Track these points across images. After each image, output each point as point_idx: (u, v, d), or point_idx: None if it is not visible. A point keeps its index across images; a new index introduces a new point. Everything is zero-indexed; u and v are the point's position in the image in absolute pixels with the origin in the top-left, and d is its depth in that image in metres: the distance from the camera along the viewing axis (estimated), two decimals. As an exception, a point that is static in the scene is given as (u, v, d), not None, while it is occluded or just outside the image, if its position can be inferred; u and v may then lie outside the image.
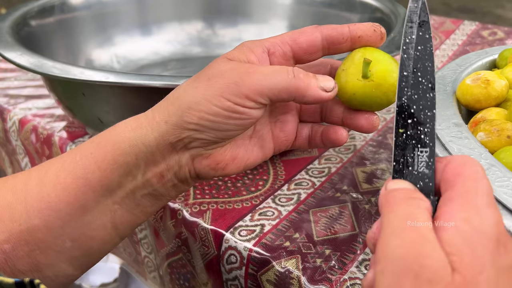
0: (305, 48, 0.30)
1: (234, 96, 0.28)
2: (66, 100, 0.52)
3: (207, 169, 0.31)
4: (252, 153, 0.34)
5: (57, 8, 0.66)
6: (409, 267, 0.19)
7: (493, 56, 0.52)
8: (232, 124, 0.29)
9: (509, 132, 0.36)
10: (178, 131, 0.29)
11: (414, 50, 0.27)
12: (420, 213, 0.21)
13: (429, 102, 0.26)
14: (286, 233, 0.44)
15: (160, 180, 0.31)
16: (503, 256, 0.20)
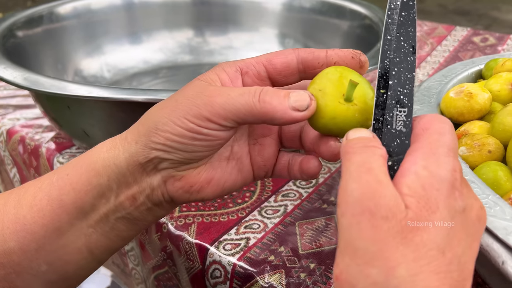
0: (280, 70, 0.30)
1: (197, 118, 0.28)
2: (52, 112, 0.52)
3: (180, 192, 0.31)
4: (230, 176, 0.32)
5: (45, 18, 0.66)
6: (366, 207, 0.21)
7: (480, 66, 0.52)
8: (199, 145, 0.29)
9: (490, 147, 0.36)
10: (147, 151, 0.29)
11: (398, 15, 0.28)
12: (375, 159, 0.23)
13: (410, 65, 0.27)
14: (271, 247, 0.44)
15: (133, 203, 0.31)
16: (457, 200, 0.22)
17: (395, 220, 0.21)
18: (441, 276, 0.20)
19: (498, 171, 0.33)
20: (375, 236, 0.21)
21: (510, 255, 0.27)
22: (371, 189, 0.21)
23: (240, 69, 0.30)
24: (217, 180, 0.32)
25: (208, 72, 0.30)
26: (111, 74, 0.75)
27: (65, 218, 0.30)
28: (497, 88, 0.42)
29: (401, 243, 0.20)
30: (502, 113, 0.37)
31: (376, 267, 0.20)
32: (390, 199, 0.21)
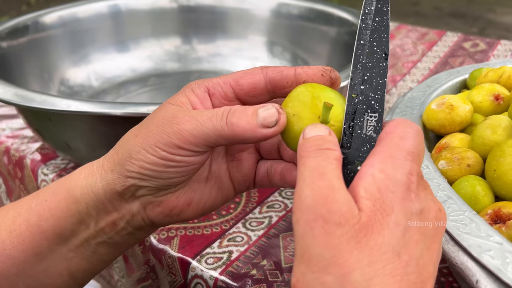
0: (247, 90, 0.29)
1: (168, 147, 0.27)
2: (35, 124, 0.52)
3: (160, 216, 0.30)
4: (210, 196, 0.32)
5: (30, 28, 0.66)
6: (319, 213, 0.21)
7: (464, 76, 0.52)
8: (173, 172, 0.28)
9: (469, 161, 0.35)
10: (123, 180, 0.29)
11: (372, 21, 0.28)
12: (328, 163, 0.23)
13: (382, 71, 0.27)
14: (254, 260, 0.44)
15: (113, 228, 0.30)
16: (414, 202, 0.22)
17: (349, 225, 0.21)
18: (397, 279, 0.20)
19: (476, 186, 0.33)
20: (329, 242, 0.20)
21: (484, 274, 0.26)
22: (323, 195, 0.21)
23: (208, 90, 0.30)
24: (197, 202, 0.31)
25: (178, 94, 0.30)
26: (99, 83, 0.75)
27: (45, 243, 0.30)
28: (479, 100, 0.42)
29: (356, 248, 0.20)
30: (481, 127, 0.37)
31: (331, 274, 0.20)
32: (343, 205, 0.21)
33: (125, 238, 0.31)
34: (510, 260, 0.26)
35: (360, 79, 0.27)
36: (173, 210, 0.31)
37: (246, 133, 0.27)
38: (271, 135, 0.27)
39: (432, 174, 0.34)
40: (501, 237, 0.28)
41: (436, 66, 0.87)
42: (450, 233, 0.29)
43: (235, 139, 0.27)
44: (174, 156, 0.27)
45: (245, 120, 0.27)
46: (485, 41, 0.96)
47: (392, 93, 0.77)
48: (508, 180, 0.32)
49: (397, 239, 0.21)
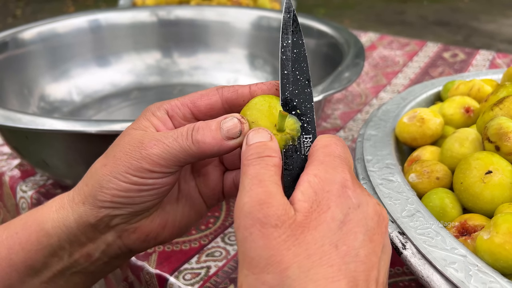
0: (204, 111, 0.30)
1: (139, 172, 0.28)
2: (13, 142, 0.52)
3: (137, 242, 0.31)
4: (183, 215, 0.32)
5: (10, 44, 0.66)
6: (256, 219, 0.22)
7: (438, 88, 0.53)
8: (146, 196, 0.29)
9: (439, 174, 0.36)
10: (96, 211, 0.29)
11: (291, 53, 0.30)
12: (267, 170, 0.24)
13: (308, 96, 0.29)
14: (232, 275, 0.44)
15: (88, 259, 0.30)
16: (351, 197, 0.24)
17: (285, 226, 0.22)
18: (335, 268, 0.21)
19: (444, 199, 0.34)
20: (266, 244, 0.22)
21: (448, 287, 0.27)
22: (260, 201, 0.23)
23: (167, 111, 0.30)
24: (171, 222, 0.32)
25: (139, 118, 0.30)
26: (80, 98, 0.75)
27: (15, 276, 0.29)
28: (450, 112, 0.43)
29: (293, 245, 0.22)
30: (450, 140, 0.37)
31: (270, 272, 0.21)
32: (278, 208, 0.22)
33: (101, 268, 0.31)
34: (473, 273, 0.27)
35: (291, 105, 0.29)
36: (149, 235, 0.31)
37: (213, 148, 0.27)
38: (238, 145, 0.28)
39: (401, 187, 0.35)
40: (465, 249, 0.28)
41: (417, 76, 0.88)
42: (417, 246, 0.29)
43: (203, 155, 0.27)
44: (147, 180, 0.28)
45: (210, 135, 0.27)
46: (464, 51, 0.98)
47: (373, 104, 0.78)
48: (474, 192, 0.32)
49: (334, 232, 0.22)
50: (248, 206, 0.22)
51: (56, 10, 4.31)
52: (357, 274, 0.22)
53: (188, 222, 0.33)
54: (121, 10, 0.79)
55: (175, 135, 0.28)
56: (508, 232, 0.27)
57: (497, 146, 0.34)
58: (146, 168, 0.27)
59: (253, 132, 0.26)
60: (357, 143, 0.42)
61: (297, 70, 0.29)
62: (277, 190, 0.23)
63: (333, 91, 0.48)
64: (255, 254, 0.22)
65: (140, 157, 0.27)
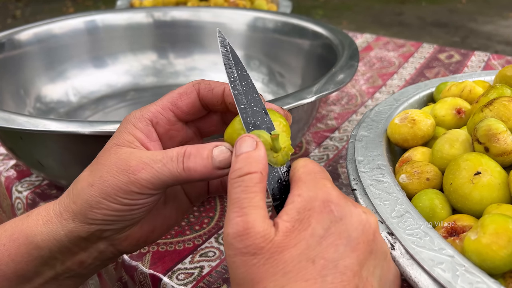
0: (187, 111, 0.30)
1: (128, 195, 0.28)
2: (8, 143, 0.52)
3: (129, 247, 0.31)
4: (171, 217, 0.33)
5: (6, 45, 0.66)
6: (237, 249, 0.24)
7: (431, 89, 0.53)
8: (137, 213, 0.29)
9: (429, 175, 0.36)
10: (87, 227, 0.29)
11: (240, 86, 0.30)
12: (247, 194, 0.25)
13: (269, 124, 0.29)
14: (225, 275, 0.44)
15: (81, 265, 0.31)
16: (333, 211, 0.24)
17: (263, 251, 0.23)
18: (310, 282, 0.23)
19: (434, 199, 0.34)
20: (247, 270, 0.23)
21: (436, 287, 0.27)
22: (239, 232, 0.24)
23: (150, 121, 0.30)
24: (160, 226, 0.33)
25: (121, 132, 0.30)
26: (77, 99, 0.75)
27: (6, 285, 0.30)
28: (442, 114, 0.43)
29: (271, 266, 0.23)
30: (440, 141, 0.38)
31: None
32: (256, 237, 0.23)
33: (93, 270, 0.32)
34: (460, 273, 0.27)
35: None
36: (140, 239, 0.32)
37: (203, 176, 0.28)
38: (226, 174, 0.28)
39: (392, 188, 0.35)
40: (453, 250, 0.29)
41: (412, 77, 0.89)
42: (405, 247, 0.30)
43: (192, 181, 0.28)
44: (137, 201, 0.28)
45: (202, 164, 0.27)
46: (460, 52, 0.98)
47: (368, 105, 0.78)
48: (463, 193, 0.33)
49: (312, 248, 0.23)
50: (230, 237, 0.24)
51: (56, 11, 4.31)
52: (334, 285, 0.23)
53: (175, 222, 0.34)
54: (118, 11, 0.79)
55: (164, 159, 0.28)
56: (495, 233, 0.28)
57: (486, 147, 0.34)
58: (135, 191, 0.28)
59: (239, 142, 0.27)
60: (349, 144, 0.42)
61: (252, 102, 0.30)
62: (256, 216, 0.24)
63: (327, 92, 0.49)
64: (239, 278, 0.24)
65: (128, 181, 0.27)
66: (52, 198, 0.55)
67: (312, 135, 0.68)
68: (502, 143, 0.34)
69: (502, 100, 0.37)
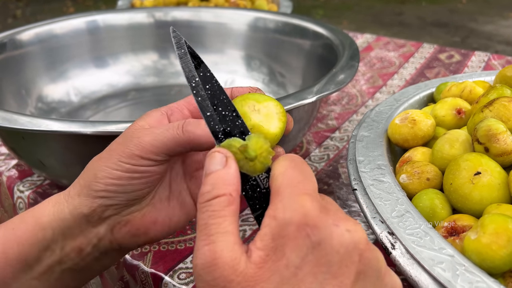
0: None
1: (131, 159, 0.29)
2: (10, 143, 0.52)
3: (127, 236, 0.31)
4: (174, 213, 0.33)
5: (7, 46, 0.66)
6: (206, 282, 0.22)
7: (431, 90, 0.53)
8: (137, 184, 0.30)
9: (429, 175, 0.36)
10: (90, 201, 0.30)
11: (204, 90, 0.27)
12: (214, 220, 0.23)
13: (242, 128, 0.26)
14: (226, 274, 0.44)
15: (79, 254, 0.31)
16: (310, 236, 0.22)
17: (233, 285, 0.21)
18: None
19: (434, 199, 0.34)
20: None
21: (436, 286, 0.27)
22: (207, 264, 0.22)
23: (166, 112, 0.32)
24: (162, 220, 0.33)
25: (136, 120, 0.32)
26: (78, 98, 0.75)
27: (9, 271, 0.30)
28: (442, 114, 0.43)
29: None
30: (440, 141, 0.38)
31: None
32: (225, 269, 0.22)
33: (90, 264, 0.32)
34: (460, 272, 0.27)
35: None
36: (140, 229, 0.32)
37: (201, 138, 0.28)
38: None
39: (392, 188, 0.35)
40: (453, 249, 0.29)
41: (413, 78, 0.89)
42: (406, 246, 0.30)
43: (191, 145, 0.29)
44: (138, 167, 0.29)
45: (199, 127, 0.29)
46: (460, 53, 0.98)
47: (369, 105, 0.78)
48: (463, 193, 0.33)
49: (286, 281, 0.21)
50: (198, 269, 0.22)
51: (56, 11, 4.32)
52: None
53: (178, 221, 0.34)
54: (119, 11, 0.79)
55: (167, 126, 0.29)
56: (494, 233, 0.28)
57: (486, 147, 0.34)
58: (137, 154, 0.29)
59: (208, 159, 0.25)
60: (350, 144, 0.42)
61: (220, 106, 0.27)
62: (225, 244, 0.22)
63: (327, 93, 0.49)
64: None
65: (132, 144, 0.29)
66: (54, 198, 0.56)
67: (312, 135, 0.68)
68: (502, 143, 0.34)
69: (502, 101, 0.37)
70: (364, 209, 0.34)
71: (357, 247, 0.22)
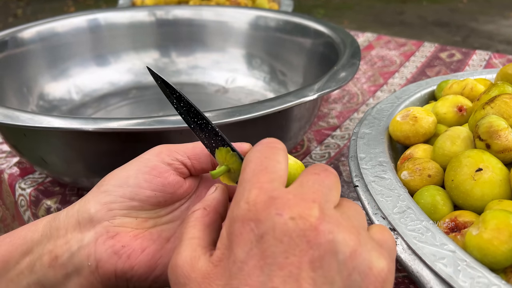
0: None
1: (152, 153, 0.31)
2: (11, 140, 0.52)
3: (109, 251, 0.28)
4: (166, 255, 0.30)
5: (9, 43, 0.66)
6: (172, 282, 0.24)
7: (433, 87, 0.53)
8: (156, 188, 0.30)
9: (430, 171, 0.36)
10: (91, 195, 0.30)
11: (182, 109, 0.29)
12: (185, 228, 0.25)
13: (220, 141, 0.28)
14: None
15: (53, 261, 0.29)
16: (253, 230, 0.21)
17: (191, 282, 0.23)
18: None
19: (435, 196, 0.34)
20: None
21: (437, 281, 0.27)
22: (172, 265, 0.24)
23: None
24: (152, 252, 0.30)
25: None
26: (79, 96, 0.75)
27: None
28: (443, 111, 0.43)
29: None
30: (442, 138, 0.38)
31: None
32: (184, 267, 0.23)
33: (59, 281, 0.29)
34: (461, 268, 0.27)
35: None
36: (125, 247, 0.29)
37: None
38: None
39: (393, 184, 0.35)
40: (454, 245, 0.29)
41: (414, 76, 0.89)
42: (407, 242, 0.30)
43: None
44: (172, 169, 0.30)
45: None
46: (461, 51, 0.98)
47: (370, 104, 0.78)
48: (464, 189, 0.33)
49: (234, 276, 0.21)
50: (168, 271, 0.24)
51: (57, 10, 4.32)
52: None
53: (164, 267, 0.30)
54: (120, 9, 0.80)
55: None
56: (496, 228, 0.28)
57: (488, 144, 0.35)
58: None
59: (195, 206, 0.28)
60: (351, 141, 0.42)
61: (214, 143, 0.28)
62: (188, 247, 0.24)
63: (329, 90, 0.49)
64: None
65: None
66: (55, 195, 0.56)
67: (313, 133, 0.68)
68: (504, 140, 0.34)
69: (503, 98, 0.37)
70: (366, 205, 0.34)
71: (304, 234, 0.21)
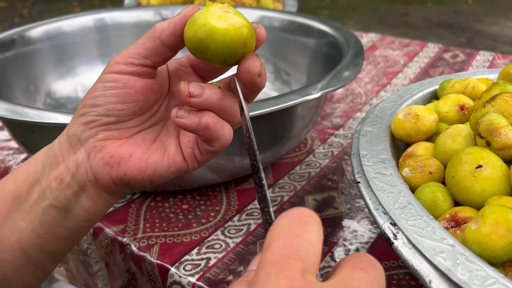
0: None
1: (109, 67, 0.32)
2: (19, 137, 0.53)
3: (101, 164, 0.31)
4: (153, 155, 0.32)
5: (17, 42, 0.67)
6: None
7: (435, 87, 0.54)
8: (112, 95, 0.31)
9: (431, 168, 0.37)
10: (76, 118, 0.32)
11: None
12: None
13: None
14: (231, 266, 0.45)
15: (60, 184, 0.32)
16: None
17: None
18: None
19: (436, 192, 0.35)
20: None
21: (437, 275, 0.28)
22: None
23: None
24: (139, 154, 0.32)
25: None
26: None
27: (3, 208, 0.32)
28: (445, 110, 0.44)
29: None
30: (443, 136, 0.39)
31: None
32: None
33: (70, 201, 0.32)
34: (460, 261, 0.28)
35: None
36: (114, 157, 0.31)
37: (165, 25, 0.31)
38: None
39: (395, 181, 0.36)
40: (454, 239, 0.29)
41: (417, 76, 0.89)
42: (408, 236, 0.30)
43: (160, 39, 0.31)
44: (112, 75, 0.32)
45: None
46: (465, 52, 0.99)
47: (373, 103, 0.79)
48: (464, 186, 0.34)
49: None
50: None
51: (62, 10, 4.34)
52: None
53: (155, 165, 0.32)
54: (126, 9, 0.80)
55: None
56: (495, 223, 0.29)
57: (488, 141, 0.35)
58: (116, 61, 0.32)
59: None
60: (354, 138, 0.43)
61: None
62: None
63: (332, 89, 0.50)
64: None
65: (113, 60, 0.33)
66: (62, 191, 0.57)
67: (317, 132, 0.69)
68: (504, 137, 0.35)
69: (504, 96, 0.38)
70: (367, 201, 0.35)
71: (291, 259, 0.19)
